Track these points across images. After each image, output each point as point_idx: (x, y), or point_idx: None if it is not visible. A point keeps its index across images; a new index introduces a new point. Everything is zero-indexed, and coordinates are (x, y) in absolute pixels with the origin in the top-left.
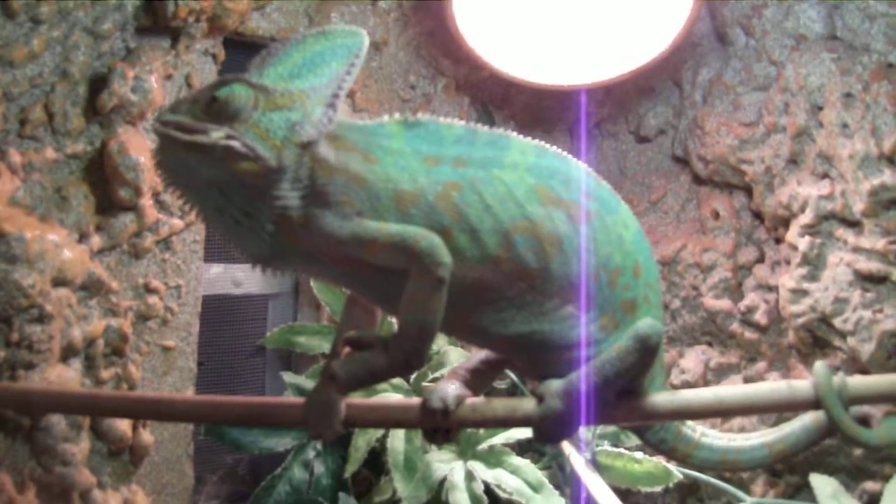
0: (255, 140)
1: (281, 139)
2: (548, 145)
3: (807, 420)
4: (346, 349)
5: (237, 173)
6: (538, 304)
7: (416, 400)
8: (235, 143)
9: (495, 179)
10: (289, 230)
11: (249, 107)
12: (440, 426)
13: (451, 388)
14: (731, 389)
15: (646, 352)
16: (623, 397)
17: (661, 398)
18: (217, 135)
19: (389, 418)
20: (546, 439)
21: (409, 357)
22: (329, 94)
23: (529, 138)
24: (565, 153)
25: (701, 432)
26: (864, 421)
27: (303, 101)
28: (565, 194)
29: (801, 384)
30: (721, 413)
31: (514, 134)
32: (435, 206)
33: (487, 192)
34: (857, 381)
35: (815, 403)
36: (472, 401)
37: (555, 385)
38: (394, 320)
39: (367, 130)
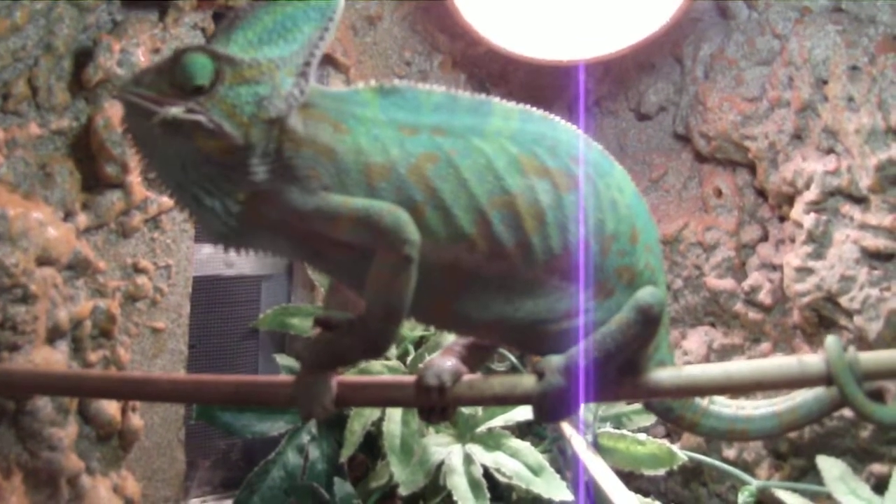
0: (221, 116)
1: (248, 115)
2: (533, 109)
3: (819, 390)
4: (317, 329)
5: (202, 150)
6: (520, 281)
7: (410, 377)
8: (201, 119)
9: (474, 150)
10: (254, 206)
11: (215, 80)
12: (436, 404)
13: (447, 365)
14: (740, 365)
15: (648, 322)
16: (626, 373)
17: (665, 374)
18: (180, 110)
19: (383, 396)
20: (546, 417)
21: (375, 339)
22: (300, 63)
23: (514, 102)
24: (553, 116)
25: (709, 400)
26: (878, 395)
27: (272, 73)
28: (551, 161)
29: (812, 359)
30: (728, 389)
31: (497, 99)
32: (406, 179)
33: (464, 165)
34: (869, 357)
35: (826, 379)
36: (469, 378)
37: (555, 361)
38: None
39: (341, 98)
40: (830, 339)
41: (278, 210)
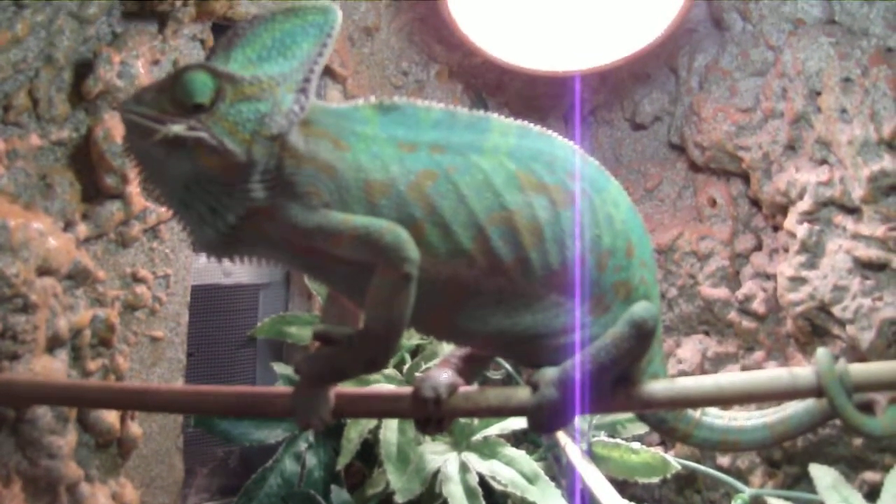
0: (223, 134)
1: (250, 133)
2: (531, 125)
3: (810, 402)
4: (315, 343)
5: (204, 168)
6: (518, 296)
7: (407, 389)
8: (203, 136)
9: (473, 167)
10: (254, 222)
11: (216, 97)
12: (432, 416)
13: (444, 377)
14: (731, 377)
15: (642, 337)
16: (620, 385)
17: (659, 386)
18: (182, 128)
19: (380, 408)
20: (541, 429)
21: (374, 355)
22: (300, 79)
23: (512, 119)
24: (550, 132)
25: (701, 411)
26: (868, 407)
27: (272, 90)
28: (548, 177)
29: (802, 371)
30: (720, 401)
31: (495, 115)
32: (406, 197)
33: (463, 182)
34: (860, 369)
35: (817, 391)
36: (465, 390)
37: (549, 373)
38: None
39: (341, 114)
40: (821, 352)
41: (279, 226)
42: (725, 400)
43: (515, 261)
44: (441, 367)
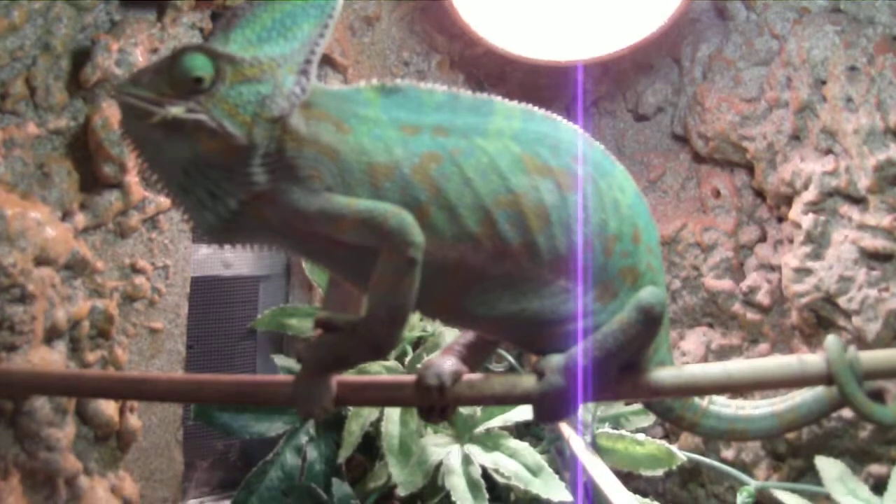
0: (223, 116)
1: (251, 115)
2: (535, 108)
3: (819, 390)
4: (318, 331)
5: (204, 151)
6: (526, 281)
7: (410, 377)
8: (202, 119)
9: (477, 149)
10: (255, 206)
11: (215, 79)
12: (436, 404)
13: (447, 364)
14: (740, 364)
15: (649, 322)
16: (627, 372)
17: (666, 373)
18: (181, 110)
19: (383, 396)
20: (546, 417)
21: (378, 341)
22: (301, 61)
23: (516, 102)
24: (555, 116)
25: (709, 400)
26: (878, 395)
27: (273, 71)
28: (554, 161)
29: (812, 359)
30: (729, 389)
31: (499, 98)
32: (411, 179)
33: (468, 164)
34: (870, 356)
35: (827, 379)
36: (469, 377)
37: (555, 360)
38: None
39: (342, 97)
40: (831, 339)
41: (280, 210)
42: (734, 387)
43: (522, 245)
44: (444, 355)
